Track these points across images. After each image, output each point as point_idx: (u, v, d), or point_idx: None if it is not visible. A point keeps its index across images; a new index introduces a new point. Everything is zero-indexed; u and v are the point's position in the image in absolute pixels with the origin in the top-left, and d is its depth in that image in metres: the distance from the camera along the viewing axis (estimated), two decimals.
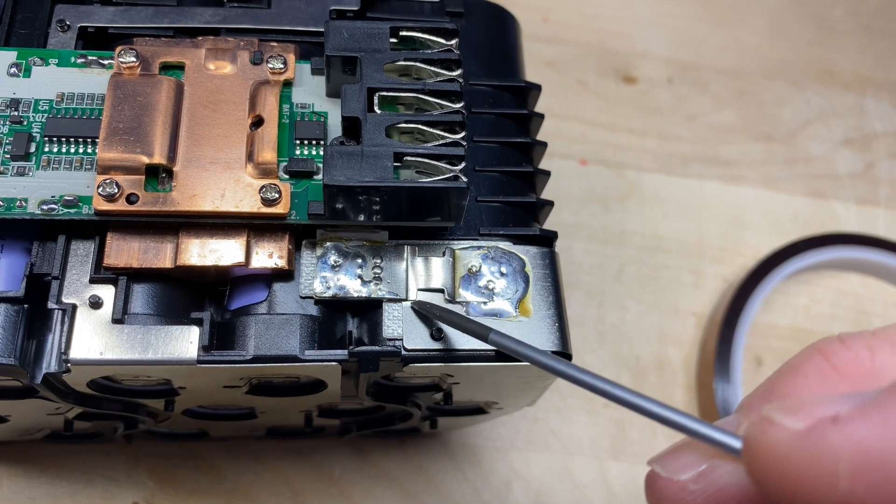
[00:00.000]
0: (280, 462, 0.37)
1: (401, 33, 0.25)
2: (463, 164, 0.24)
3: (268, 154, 0.24)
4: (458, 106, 0.24)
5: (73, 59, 0.26)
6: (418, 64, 0.25)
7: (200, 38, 0.27)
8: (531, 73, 0.31)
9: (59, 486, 0.35)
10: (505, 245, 0.26)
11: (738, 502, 0.18)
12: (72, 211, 0.24)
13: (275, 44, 0.27)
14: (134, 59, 0.25)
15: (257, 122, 0.25)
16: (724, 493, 0.18)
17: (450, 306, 0.25)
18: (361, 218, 0.24)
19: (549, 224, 0.28)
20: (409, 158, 0.23)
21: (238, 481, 0.36)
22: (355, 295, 0.25)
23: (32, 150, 0.24)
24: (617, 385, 0.19)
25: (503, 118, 0.28)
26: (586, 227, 0.44)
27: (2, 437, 0.33)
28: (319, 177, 0.25)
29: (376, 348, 0.24)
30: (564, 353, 0.25)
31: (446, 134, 0.24)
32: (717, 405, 0.38)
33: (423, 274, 0.25)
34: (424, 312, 0.25)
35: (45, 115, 0.25)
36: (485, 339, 0.22)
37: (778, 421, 0.16)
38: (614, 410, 0.40)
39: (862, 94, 0.51)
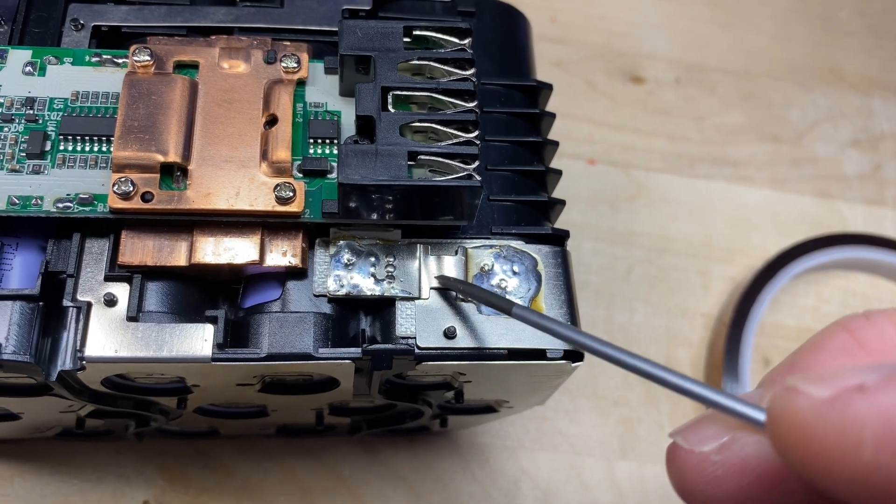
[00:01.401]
0: (290, 460, 0.37)
1: (414, 32, 0.25)
2: (476, 163, 0.24)
3: (282, 153, 0.24)
4: (471, 105, 0.24)
5: (87, 58, 0.26)
6: (432, 63, 0.25)
7: (214, 36, 0.27)
8: (539, 74, 0.31)
9: (70, 484, 0.35)
10: (517, 244, 0.26)
11: (760, 473, 0.18)
12: (87, 209, 0.24)
13: (287, 43, 0.27)
14: (148, 58, 0.25)
15: (271, 121, 0.25)
16: (746, 464, 0.18)
17: (465, 305, 0.25)
18: (375, 216, 0.24)
19: (558, 225, 0.28)
20: (423, 157, 0.23)
21: (248, 480, 0.36)
22: (368, 293, 0.25)
23: (48, 148, 0.24)
24: (639, 357, 0.19)
25: (514, 117, 0.29)
26: (594, 227, 0.44)
27: (14, 434, 0.33)
28: (333, 175, 0.25)
29: (390, 346, 0.24)
30: (576, 352, 0.25)
31: (460, 133, 0.24)
32: None
33: (435, 272, 0.25)
34: (448, 286, 0.25)
35: (61, 113, 0.25)
36: (508, 313, 0.22)
37: (803, 390, 0.16)
38: (623, 410, 0.40)
39: (869, 95, 0.51)
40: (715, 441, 0.18)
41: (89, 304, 0.24)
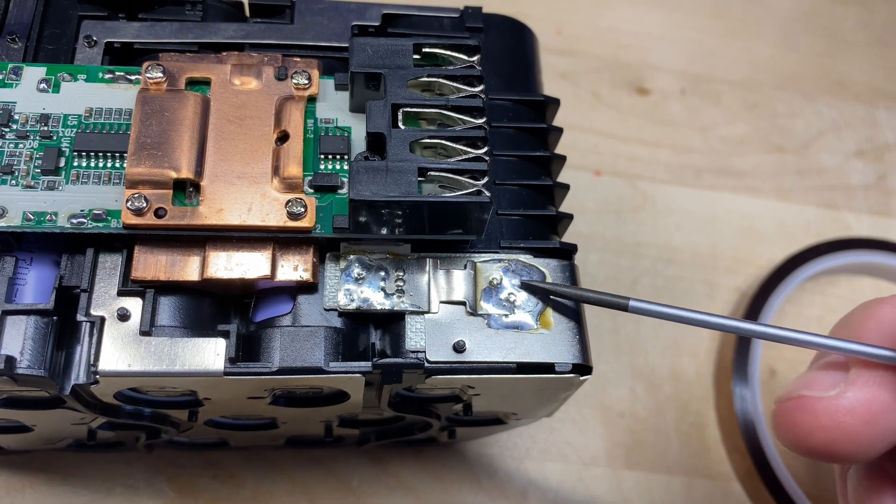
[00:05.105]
0: (298, 471, 0.37)
1: (424, 49, 0.26)
2: (486, 179, 0.24)
3: (293, 169, 0.25)
4: (480, 121, 0.25)
5: (100, 75, 0.26)
6: (441, 80, 0.25)
7: (225, 53, 0.27)
8: (545, 86, 0.31)
9: (80, 495, 0.35)
10: (525, 258, 0.26)
11: (884, 406, 0.20)
12: (100, 225, 0.24)
13: (298, 59, 0.27)
14: (161, 75, 0.25)
15: (283, 138, 0.25)
16: (873, 399, 0.20)
17: (474, 318, 0.25)
18: (385, 231, 0.25)
19: (564, 235, 0.29)
20: (432, 173, 0.24)
21: (256, 490, 0.36)
22: (378, 307, 0.25)
23: (62, 164, 0.25)
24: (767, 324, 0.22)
25: (522, 132, 0.29)
26: (601, 238, 0.44)
27: (26, 446, 0.33)
28: (344, 191, 0.25)
29: (400, 360, 0.24)
30: (585, 366, 0.25)
31: (469, 149, 0.24)
32: (737, 413, 0.38)
33: (444, 286, 0.26)
34: (548, 293, 0.26)
35: (74, 129, 0.25)
36: (625, 309, 0.24)
37: None
38: (629, 420, 0.40)
39: (874, 105, 0.51)
40: (837, 386, 0.20)
41: (102, 319, 0.24)
